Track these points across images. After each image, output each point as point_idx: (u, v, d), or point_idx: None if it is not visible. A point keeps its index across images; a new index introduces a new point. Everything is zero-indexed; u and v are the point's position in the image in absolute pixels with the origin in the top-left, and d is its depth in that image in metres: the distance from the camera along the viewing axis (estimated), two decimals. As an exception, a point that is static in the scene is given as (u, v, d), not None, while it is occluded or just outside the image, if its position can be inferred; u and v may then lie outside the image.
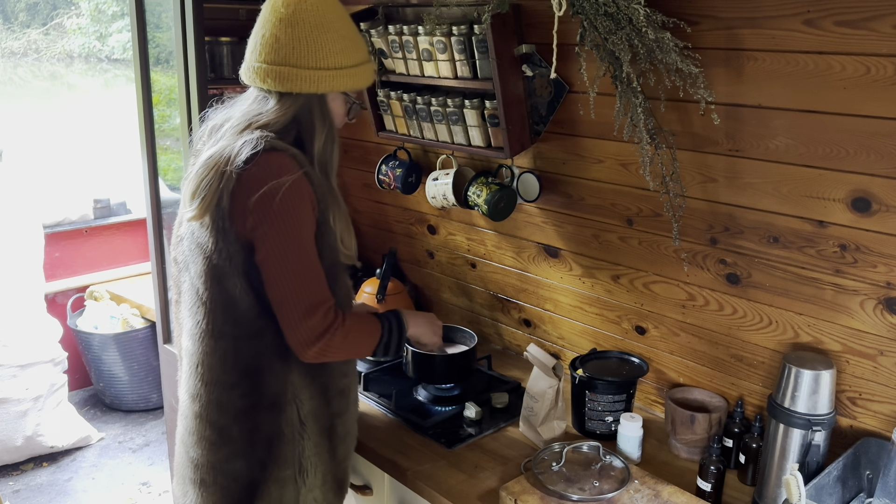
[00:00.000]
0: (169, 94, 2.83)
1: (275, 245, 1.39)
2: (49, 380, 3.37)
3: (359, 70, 1.49)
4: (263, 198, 1.36)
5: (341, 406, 1.58)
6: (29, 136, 8.56)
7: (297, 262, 1.40)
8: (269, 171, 1.37)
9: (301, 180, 1.39)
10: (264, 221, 1.38)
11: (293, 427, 1.49)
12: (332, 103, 1.50)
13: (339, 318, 1.45)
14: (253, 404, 1.47)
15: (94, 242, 3.99)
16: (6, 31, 14.64)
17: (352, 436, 1.64)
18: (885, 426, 1.55)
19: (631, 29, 1.55)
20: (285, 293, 1.41)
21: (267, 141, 1.39)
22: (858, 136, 1.44)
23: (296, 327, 1.41)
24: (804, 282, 1.60)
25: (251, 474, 1.48)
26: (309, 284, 1.42)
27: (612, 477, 1.58)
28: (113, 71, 13.77)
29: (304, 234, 1.41)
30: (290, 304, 1.41)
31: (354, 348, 1.54)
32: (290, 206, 1.38)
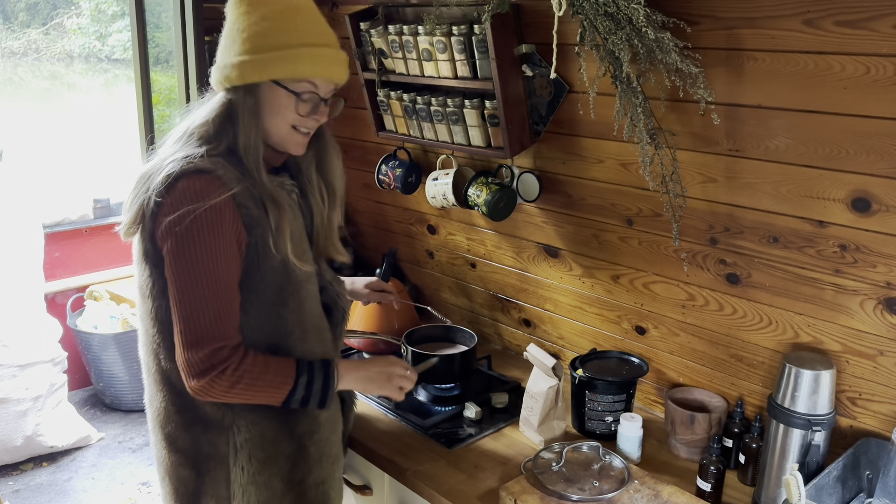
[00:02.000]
0: (169, 94, 2.83)
1: (175, 272, 1.33)
2: (49, 380, 3.37)
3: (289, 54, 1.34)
4: (171, 224, 1.31)
5: (309, 426, 1.50)
6: (29, 135, 8.56)
7: (194, 294, 1.32)
8: (184, 198, 1.31)
9: (220, 207, 1.31)
10: (170, 248, 1.33)
11: (227, 451, 1.46)
12: (268, 96, 1.38)
13: (230, 361, 1.34)
14: (190, 420, 1.45)
15: (93, 242, 3.99)
16: (6, 31, 14.64)
17: (330, 457, 1.55)
18: (884, 426, 1.55)
19: (631, 29, 1.55)
20: (178, 320, 1.34)
21: (190, 162, 1.32)
22: (858, 135, 1.44)
23: (179, 356, 1.36)
24: (804, 282, 1.60)
25: (195, 484, 1.48)
26: (201, 318, 1.33)
27: (611, 477, 1.58)
28: (113, 71, 13.77)
29: (211, 266, 1.32)
30: (180, 332, 1.34)
31: (248, 396, 1.39)
32: (198, 235, 1.31)
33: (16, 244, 3.39)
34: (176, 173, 1.32)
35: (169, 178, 1.32)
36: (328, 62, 1.40)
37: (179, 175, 1.32)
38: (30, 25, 14.89)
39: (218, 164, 1.35)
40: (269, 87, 1.38)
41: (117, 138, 7.51)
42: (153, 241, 1.36)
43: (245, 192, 1.36)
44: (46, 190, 4.01)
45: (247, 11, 1.36)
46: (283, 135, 1.43)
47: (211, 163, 1.35)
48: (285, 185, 1.49)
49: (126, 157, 5.14)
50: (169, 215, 1.31)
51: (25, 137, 8.32)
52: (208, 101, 1.43)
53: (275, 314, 1.43)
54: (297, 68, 1.36)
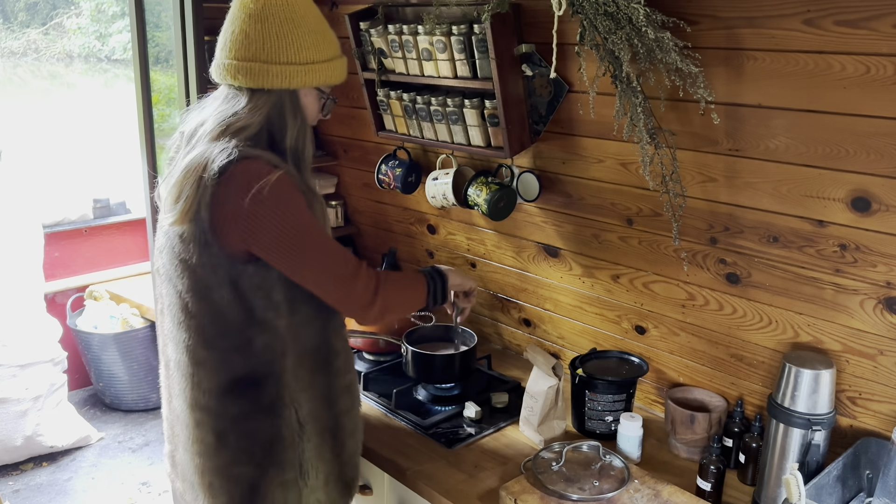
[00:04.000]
0: (168, 94, 2.83)
1: (285, 244, 1.38)
2: (49, 379, 3.37)
3: (331, 65, 1.48)
4: (254, 201, 1.35)
5: (347, 403, 1.58)
6: (29, 136, 8.56)
7: (315, 243, 1.42)
8: (246, 178, 1.35)
9: (283, 176, 1.38)
10: (263, 227, 1.37)
11: (292, 430, 1.49)
12: (304, 99, 1.49)
13: (381, 275, 1.49)
14: (247, 411, 1.46)
15: (93, 242, 3.99)
16: (6, 31, 14.64)
17: (360, 430, 1.64)
18: (884, 426, 1.55)
19: (631, 28, 1.55)
20: (322, 277, 1.43)
21: (240, 150, 1.37)
22: (858, 135, 1.44)
23: (348, 298, 1.45)
24: (804, 281, 1.60)
25: (253, 478, 1.48)
26: (336, 256, 1.44)
27: (611, 476, 1.58)
28: (113, 71, 13.77)
29: (306, 218, 1.41)
30: (333, 283, 1.44)
31: (409, 299, 1.58)
32: (283, 197, 1.37)
33: (16, 244, 3.39)
34: (230, 160, 1.36)
35: (225, 164, 1.35)
36: (345, 68, 1.54)
37: (235, 160, 1.36)
38: (29, 25, 14.88)
39: (265, 152, 1.41)
40: (306, 91, 1.49)
41: (117, 138, 7.51)
42: (212, 231, 1.38)
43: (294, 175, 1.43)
44: (46, 190, 4.01)
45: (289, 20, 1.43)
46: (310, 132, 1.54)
47: (258, 151, 1.41)
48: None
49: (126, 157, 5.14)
50: (241, 199, 1.35)
51: (25, 137, 8.32)
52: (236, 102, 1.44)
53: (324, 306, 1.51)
54: (334, 76, 1.50)
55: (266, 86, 1.42)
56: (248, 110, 1.43)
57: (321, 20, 1.48)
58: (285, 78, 1.42)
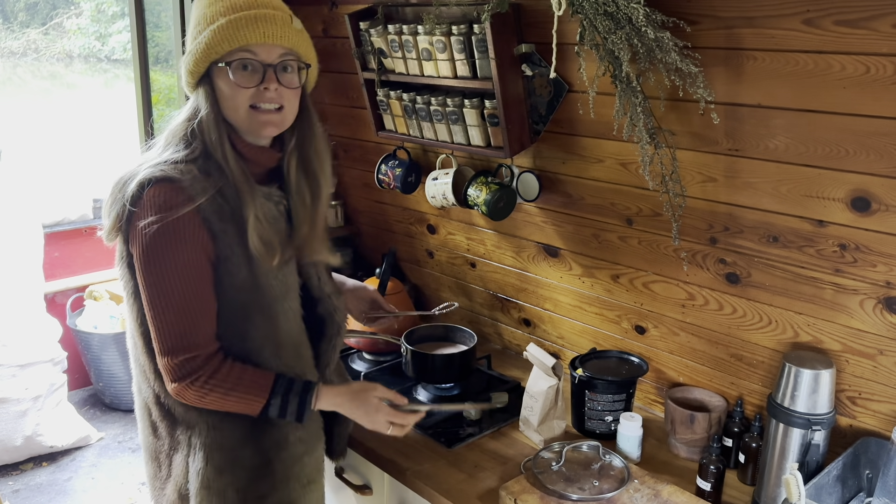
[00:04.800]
0: (168, 94, 2.83)
1: (145, 282, 1.34)
2: (48, 379, 3.37)
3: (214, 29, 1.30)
4: (138, 233, 1.31)
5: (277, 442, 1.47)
6: (28, 135, 8.55)
7: (163, 303, 1.33)
8: (150, 204, 1.30)
9: (183, 220, 1.29)
10: (139, 257, 1.33)
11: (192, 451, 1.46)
12: (217, 82, 1.34)
13: (203, 371, 1.35)
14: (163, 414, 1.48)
15: (93, 242, 3.99)
16: (6, 31, 14.63)
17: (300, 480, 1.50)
18: (884, 425, 1.55)
19: (630, 28, 1.55)
20: (153, 328, 1.36)
21: (161, 169, 1.31)
22: (858, 135, 1.44)
23: (158, 360, 1.38)
24: (804, 281, 1.60)
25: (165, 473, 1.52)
26: (172, 328, 1.34)
27: (611, 476, 1.58)
28: (113, 71, 13.76)
29: (179, 276, 1.32)
30: (155, 339, 1.37)
31: (222, 404, 1.39)
32: (165, 245, 1.30)
33: (16, 244, 3.39)
34: (145, 181, 1.31)
35: (140, 185, 1.31)
36: (255, 23, 1.29)
37: (147, 183, 1.31)
38: (29, 25, 14.87)
39: (189, 171, 1.32)
40: (215, 73, 1.33)
41: (117, 138, 7.50)
42: (128, 244, 1.37)
43: (212, 203, 1.33)
44: (46, 190, 4.00)
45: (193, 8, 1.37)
46: (244, 118, 1.35)
47: (180, 171, 1.32)
48: (273, 196, 1.43)
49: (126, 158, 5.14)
50: (137, 222, 1.31)
51: (25, 137, 8.31)
52: None
53: (238, 330, 1.41)
54: (224, 40, 1.29)
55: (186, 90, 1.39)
56: (181, 113, 1.39)
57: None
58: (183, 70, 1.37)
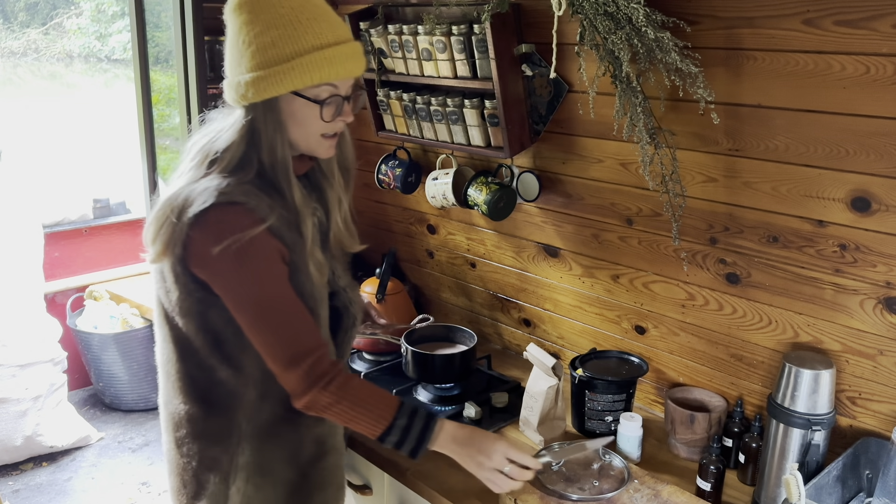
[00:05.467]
0: (168, 94, 2.83)
1: (241, 302, 1.30)
2: (48, 379, 3.37)
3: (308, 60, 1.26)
4: (218, 259, 1.27)
5: (315, 454, 1.49)
6: (28, 136, 8.56)
7: (264, 318, 1.31)
8: (219, 228, 1.26)
9: (260, 236, 1.28)
10: (226, 282, 1.30)
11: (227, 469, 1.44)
12: (288, 107, 1.30)
13: (333, 372, 1.33)
14: (199, 431, 1.44)
15: (93, 242, 3.99)
16: (6, 31, 14.63)
17: (334, 485, 1.54)
18: (884, 426, 1.55)
19: (631, 28, 1.55)
20: (263, 349, 1.33)
21: (221, 192, 1.27)
22: (858, 135, 1.44)
23: (282, 378, 1.34)
24: (804, 281, 1.60)
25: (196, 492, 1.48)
26: (289, 337, 1.31)
27: (611, 476, 1.58)
28: (113, 71, 13.76)
29: (269, 287, 1.30)
30: (270, 359, 1.33)
31: (350, 416, 1.35)
32: (250, 259, 1.28)
33: (16, 244, 3.39)
34: (207, 205, 1.26)
35: (202, 209, 1.26)
36: (344, 59, 1.30)
37: (210, 207, 1.26)
38: (29, 25, 14.88)
39: (250, 193, 1.29)
40: (288, 99, 1.30)
41: (117, 138, 7.51)
42: (183, 264, 1.31)
43: (279, 219, 1.32)
44: (46, 190, 4.01)
45: (249, 21, 1.27)
46: (313, 144, 1.36)
47: (243, 192, 1.29)
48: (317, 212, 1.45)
49: (126, 157, 5.14)
50: (210, 247, 1.26)
51: (25, 137, 8.31)
52: (227, 119, 1.35)
53: None
54: (314, 75, 1.27)
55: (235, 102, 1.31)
56: (230, 134, 1.32)
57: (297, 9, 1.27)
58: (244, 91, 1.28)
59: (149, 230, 1.33)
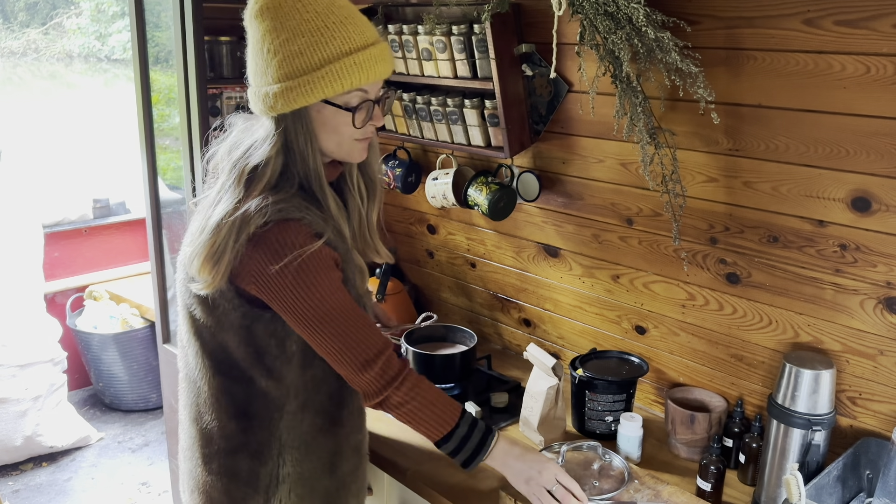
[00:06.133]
0: (168, 94, 2.83)
1: (303, 318, 1.29)
2: (48, 380, 3.37)
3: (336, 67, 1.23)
4: (282, 271, 1.25)
5: (355, 463, 1.51)
6: (28, 135, 8.55)
7: (334, 327, 1.31)
8: (278, 244, 1.25)
9: (321, 250, 1.28)
10: (285, 297, 1.28)
11: (268, 483, 1.43)
12: (318, 115, 1.29)
13: (404, 372, 1.35)
14: (235, 446, 1.42)
15: (93, 242, 3.99)
16: (6, 31, 14.63)
17: (363, 489, 1.58)
18: (885, 426, 1.55)
19: (631, 28, 1.55)
20: (337, 355, 1.33)
21: (277, 209, 1.25)
22: (858, 135, 1.44)
23: (354, 383, 1.35)
24: (804, 281, 1.60)
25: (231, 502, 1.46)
26: (358, 343, 1.32)
27: (611, 477, 1.58)
28: (113, 71, 13.75)
29: (334, 297, 1.31)
30: (346, 364, 1.33)
31: (417, 417, 1.37)
32: (313, 274, 1.27)
33: (16, 244, 3.39)
34: (269, 223, 1.25)
35: (262, 228, 1.25)
36: (374, 63, 1.27)
37: (272, 225, 1.25)
38: (29, 25, 14.87)
39: (303, 208, 1.29)
40: (318, 107, 1.28)
41: (117, 138, 7.50)
42: (230, 281, 1.29)
43: (332, 231, 1.32)
44: (46, 190, 4.01)
45: (273, 28, 1.23)
46: (346, 149, 1.35)
47: (297, 208, 1.28)
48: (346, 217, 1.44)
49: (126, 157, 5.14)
50: (268, 265, 1.25)
51: (25, 137, 8.31)
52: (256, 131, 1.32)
53: None
54: (344, 82, 1.25)
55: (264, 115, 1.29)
56: (265, 149, 1.28)
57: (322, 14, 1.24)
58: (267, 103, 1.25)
59: (204, 258, 1.27)
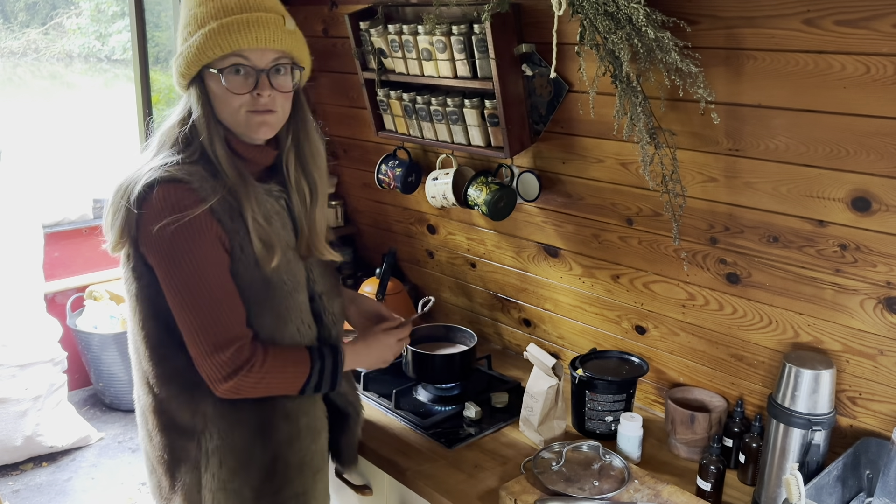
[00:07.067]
0: (168, 94, 2.83)
1: (173, 285, 1.32)
2: (48, 380, 3.37)
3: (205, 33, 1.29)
4: (156, 236, 1.29)
5: (288, 433, 1.47)
6: (28, 135, 8.55)
7: (194, 302, 1.32)
8: (161, 205, 1.29)
9: (199, 217, 1.29)
10: (160, 261, 1.32)
11: (198, 457, 1.44)
12: (210, 84, 1.34)
13: (255, 357, 1.36)
14: (166, 424, 1.45)
15: (93, 242, 3.98)
16: (6, 31, 14.61)
17: (312, 468, 1.52)
18: (885, 426, 1.55)
19: (631, 28, 1.55)
20: (191, 331, 1.34)
21: (166, 170, 1.30)
22: (858, 135, 1.44)
23: (203, 365, 1.36)
24: (804, 281, 1.60)
25: (169, 485, 1.49)
26: (215, 323, 1.33)
27: (611, 476, 1.58)
28: (113, 71, 13.75)
29: (200, 271, 1.31)
30: (193, 344, 1.35)
31: (273, 387, 1.41)
32: (186, 245, 1.30)
33: (16, 244, 3.39)
34: (151, 182, 1.30)
35: (146, 187, 1.30)
36: (247, 27, 1.28)
37: (154, 184, 1.30)
38: (29, 25, 14.86)
39: (194, 173, 1.32)
40: (207, 76, 1.33)
41: (117, 138, 7.50)
42: (136, 247, 1.35)
43: (222, 202, 1.33)
44: (46, 190, 4.00)
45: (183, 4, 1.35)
46: (241, 121, 1.35)
47: (186, 172, 1.31)
48: (273, 192, 1.44)
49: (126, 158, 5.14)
50: (151, 225, 1.29)
51: (25, 137, 8.31)
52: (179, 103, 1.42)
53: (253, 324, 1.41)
54: (216, 45, 1.28)
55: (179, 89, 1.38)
56: (175, 115, 1.38)
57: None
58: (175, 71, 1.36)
59: (106, 218, 1.37)
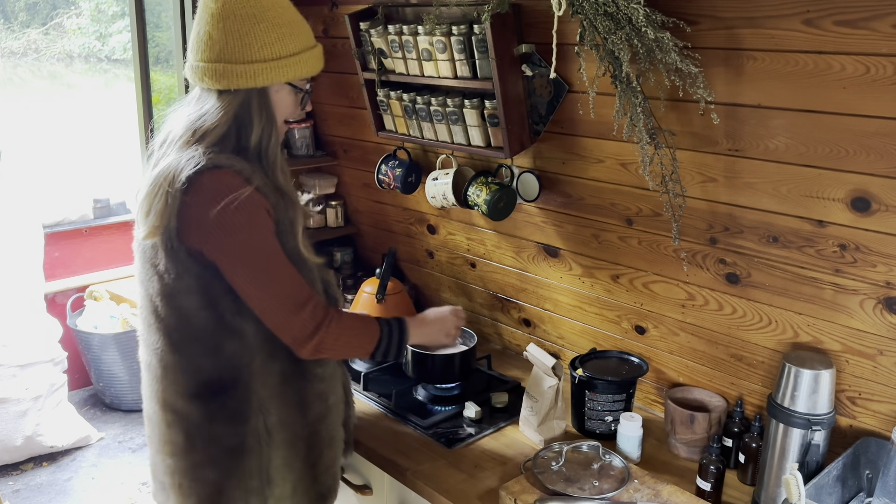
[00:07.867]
0: (168, 94, 2.83)
1: (244, 260, 1.40)
2: (49, 379, 3.37)
3: (300, 58, 1.46)
4: (216, 220, 1.35)
5: (321, 410, 1.56)
6: (29, 136, 8.55)
7: (269, 269, 1.41)
8: (215, 189, 1.36)
9: (253, 194, 1.38)
10: (224, 241, 1.38)
11: (258, 438, 1.48)
12: (275, 95, 1.48)
13: (330, 313, 1.47)
14: (213, 416, 1.46)
15: (93, 242, 3.99)
16: (6, 31, 14.62)
17: (337, 440, 1.61)
18: (884, 426, 1.55)
19: (630, 29, 1.55)
20: (267, 301, 1.42)
21: (209, 158, 1.37)
22: (858, 135, 1.44)
23: (286, 328, 1.43)
24: (804, 281, 1.61)
25: (218, 481, 1.48)
26: (288, 286, 1.43)
27: (611, 476, 1.58)
28: (113, 71, 13.75)
29: (268, 241, 1.41)
30: (275, 310, 1.42)
31: (351, 346, 1.55)
32: (246, 217, 1.38)
33: (16, 244, 3.39)
34: (200, 168, 1.36)
35: (196, 173, 1.35)
36: (319, 59, 1.53)
37: (203, 170, 1.36)
38: (30, 25, 14.86)
39: (234, 159, 1.40)
40: (277, 87, 1.47)
41: (117, 138, 7.50)
42: (179, 239, 1.38)
43: (264, 184, 1.42)
44: (46, 190, 4.01)
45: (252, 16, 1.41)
46: (281, 126, 1.52)
47: (227, 158, 1.39)
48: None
49: (126, 157, 5.15)
50: (207, 209, 1.35)
51: (25, 137, 8.31)
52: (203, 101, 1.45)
53: None
54: (305, 69, 1.48)
55: (231, 86, 1.42)
56: (215, 111, 1.42)
57: (288, 11, 1.46)
58: (250, 77, 1.41)
59: (143, 204, 1.40)
